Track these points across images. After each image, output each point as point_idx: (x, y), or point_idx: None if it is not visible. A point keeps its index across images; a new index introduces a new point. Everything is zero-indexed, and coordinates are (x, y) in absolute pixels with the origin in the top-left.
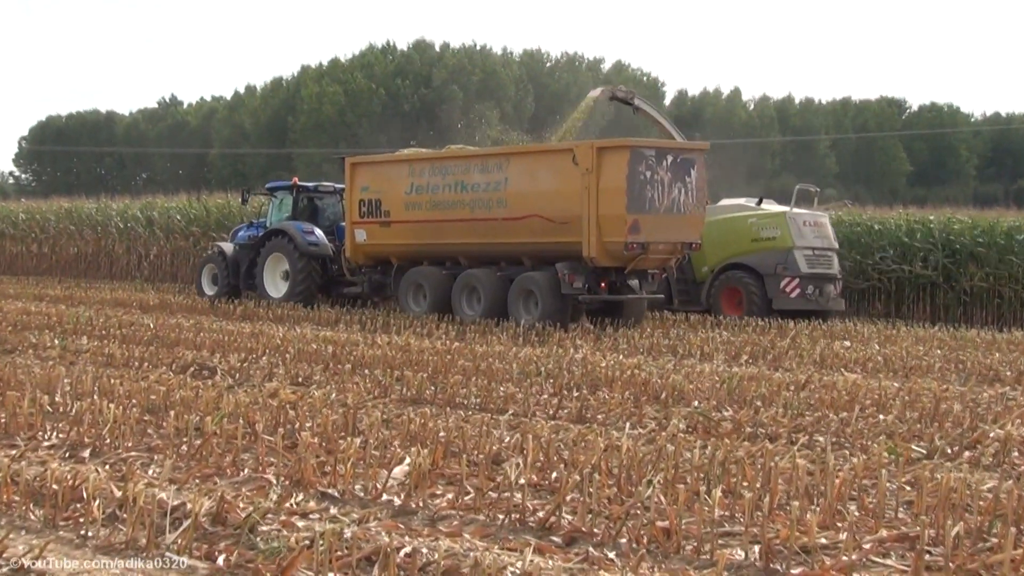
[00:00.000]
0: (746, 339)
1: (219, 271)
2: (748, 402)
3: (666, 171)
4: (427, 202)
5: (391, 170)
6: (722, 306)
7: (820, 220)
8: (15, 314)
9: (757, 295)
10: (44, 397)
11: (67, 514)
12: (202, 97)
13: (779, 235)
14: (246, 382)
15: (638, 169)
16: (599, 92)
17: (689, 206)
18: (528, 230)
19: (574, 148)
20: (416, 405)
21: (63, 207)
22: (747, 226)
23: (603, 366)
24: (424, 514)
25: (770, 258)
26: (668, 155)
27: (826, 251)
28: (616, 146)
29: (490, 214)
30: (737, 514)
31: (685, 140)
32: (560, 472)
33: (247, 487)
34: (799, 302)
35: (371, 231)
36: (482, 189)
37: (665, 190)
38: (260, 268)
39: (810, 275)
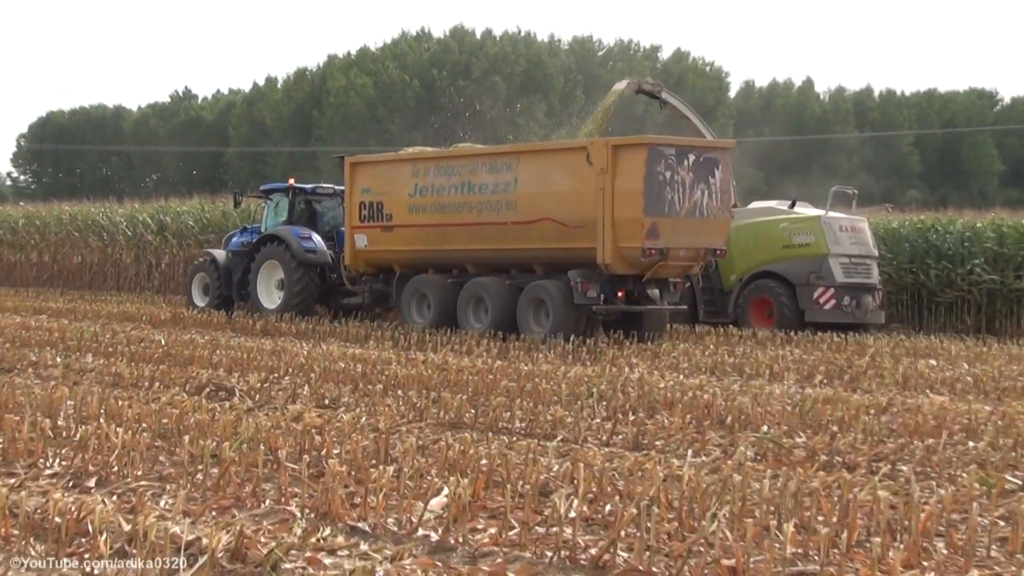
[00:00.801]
0: (820, 357)
1: (211, 280)
2: (823, 427)
3: (687, 171)
4: (432, 205)
5: (393, 170)
6: (750, 318)
7: (858, 225)
8: (13, 329)
9: (788, 306)
10: (45, 421)
11: (71, 549)
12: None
13: (813, 241)
14: (267, 404)
15: (656, 169)
16: (624, 85)
17: (713, 209)
18: (539, 235)
19: (588, 146)
20: (455, 430)
21: (66, 212)
22: (778, 231)
23: (662, 387)
24: (464, 551)
25: (803, 266)
26: (690, 154)
27: (864, 259)
28: (633, 144)
29: (498, 218)
30: (811, 551)
31: (716, 137)
32: (615, 504)
33: (269, 520)
34: (834, 314)
35: (372, 236)
36: (490, 191)
37: (686, 192)
38: (253, 277)
39: (846, 285)
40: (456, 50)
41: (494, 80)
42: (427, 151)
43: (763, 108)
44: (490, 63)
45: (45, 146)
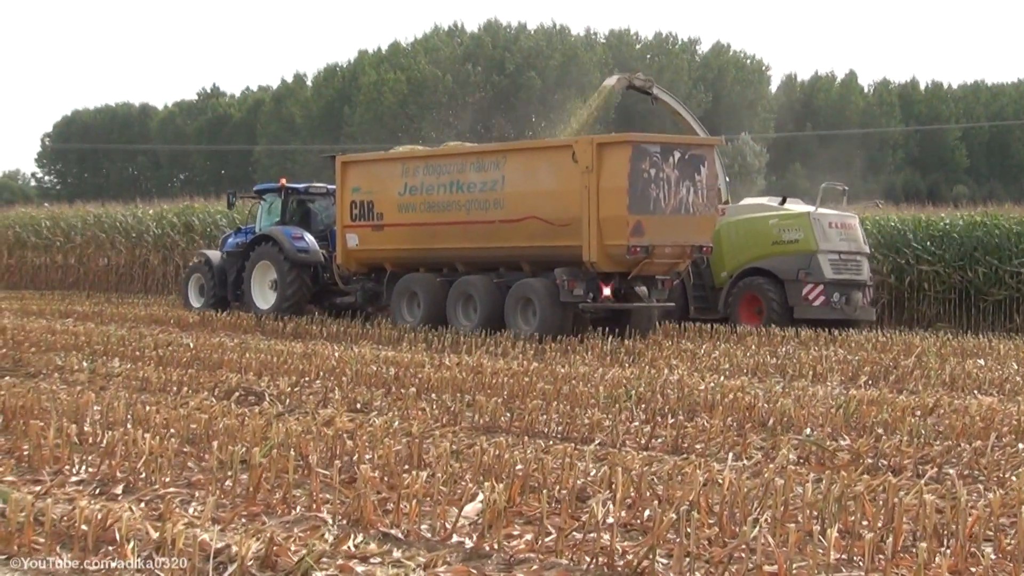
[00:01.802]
0: (865, 357)
1: (206, 281)
2: (868, 429)
3: (673, 168)
4: (421, 204)
5: (384, 169)
6: (740, 315)
7: (848, 222)
8: (39, 333)
9: (777, 303)
10: (71, 427)
11: (98, 558)
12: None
13: (802, 238)
14: (298, 409)
15: (641, 167)
16: (615, 80)
17: (699, 206)
18: (526, 233)
19: (573, 145)
20: (490, 434)
21: (91, 213)
22: (768, 228)
23: (702, 389)
24: (499, 557)
25: (792, 263)
26: (675, 151)
27: (854, 255)
28: (617, 142)
29: (486, 216)
30: (856, 557)
31: (707, 134)
32: (654, 510)
33: (299, 527)
34: (823, 311)
35: (363, 235)
36: (478, 189)
37: (671, 189)
38: (247, 277)
39: (835, 281)
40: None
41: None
42: (417, 150)
43: (805, 102)
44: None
45: (70, 146)
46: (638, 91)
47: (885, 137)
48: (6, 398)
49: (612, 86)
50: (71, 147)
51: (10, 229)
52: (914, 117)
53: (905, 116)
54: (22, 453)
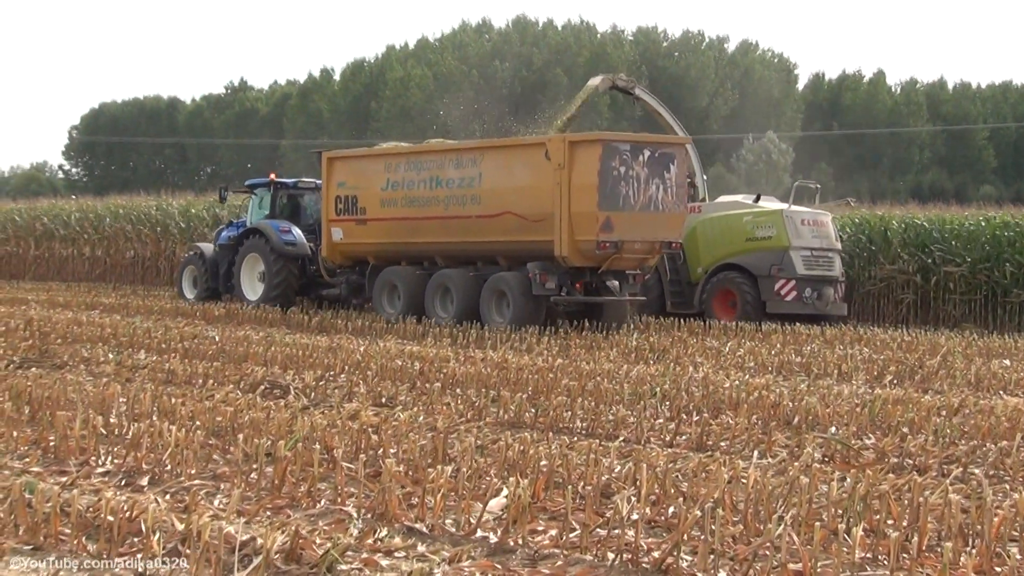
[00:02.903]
0: (890, 357)
1: (199, 273)
2: (893, 428)
3: (643, 166)
4: (402, 199)
5: (367, 165)
6: (715, 309)
7: (821, 219)
8: (65, 325)
9: (751, 297)
10: (98, 418)
11: (123, 549)
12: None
13: (775, 234)
14: (323, 402)
15: (611, 164)
16: (599, 80)
17: (668, 203)
18: (501, 228)
19: (547, 142)
20: (514, 429)
21: (119, 205)
22: (742, 225)
23: (726, 386)
24: (524, 553)
25: (765, 259)
26: (645, 150)
27: (826, 252)
28: (588, 140)
29: (464, 211)
30: (881, 556)
31: (686, 134)
32: (678, 507)
33: (324, 520)
34: (795, 306)
35: (347, 229)
36: (456, 185)
37: (641, 186)
38: (237, 269)
39: (807, 277)
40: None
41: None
42: (400, 146)
43: (832, 101)
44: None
45: (97, 138)
46: (620, 91)
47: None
48: (33, 389)
49: (596, 86)
50: (99, 140)
51: (38, 221)
52: (941, 117)
53: (932, 116)
54: (48, 444)
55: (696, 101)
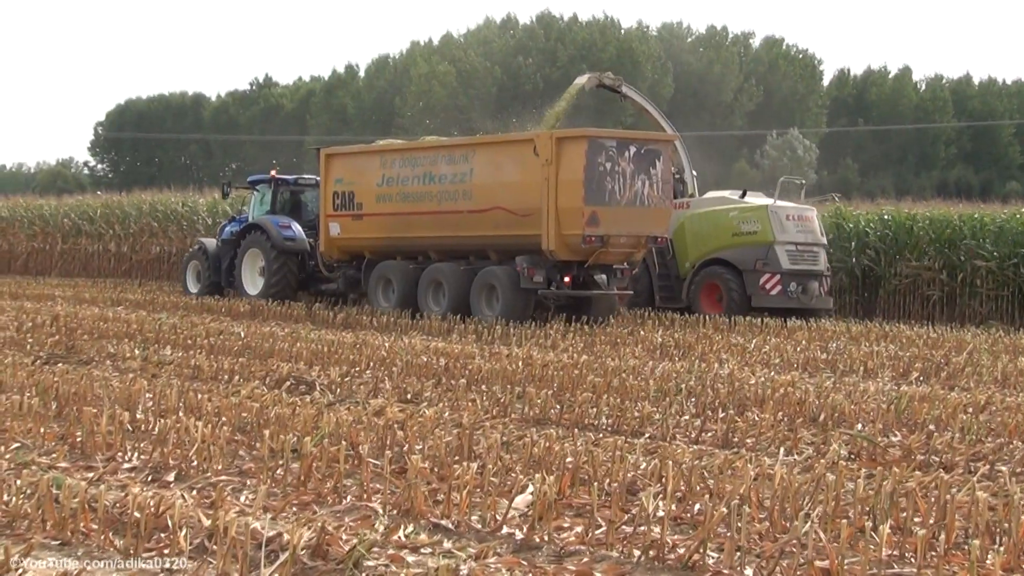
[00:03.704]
0: (916, 354)
1: (202, 268)
2: (919, 426)
3: (628, 162)
4: (397, 194)
5: (364, 162)
6: (701, 303)
7: (806, 214)
8: (91, 321)
9: (736, 291)
10: (124, 414)
11: (150, 545)
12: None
13: (760, 229)
14: (348, 398)
15: (597, 160)
16: (586, 79)
17: (654, 198)
18: (492, 223)
19: (534, 139)
20: (540, 426)
21: (145, 201)
22: (728, 220)
23: (752, 383)
24: (549, 549)
25: (750, 253)
26: (631, 146)
27: (811, 246)
28: (574, 136)
29: (456, 206)
30: (908, 554)
31: (674, 131)
32: (704, 504)
33: (350, 517)
34: (780, 299)
35: (344, 224)
36: (448, 181)
37: (627, 182)
38: (239, 264)
39: (792, 271)
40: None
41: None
42: (394, 143)
43: (857, 97)
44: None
45: (123, 134)
46: (608, 89)
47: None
48: (59, 385)
49: (583, 84)
50: (124, 136)
51: (64, 217)
52: (967, 113)
53: (958, 112)
54: (75, 439)
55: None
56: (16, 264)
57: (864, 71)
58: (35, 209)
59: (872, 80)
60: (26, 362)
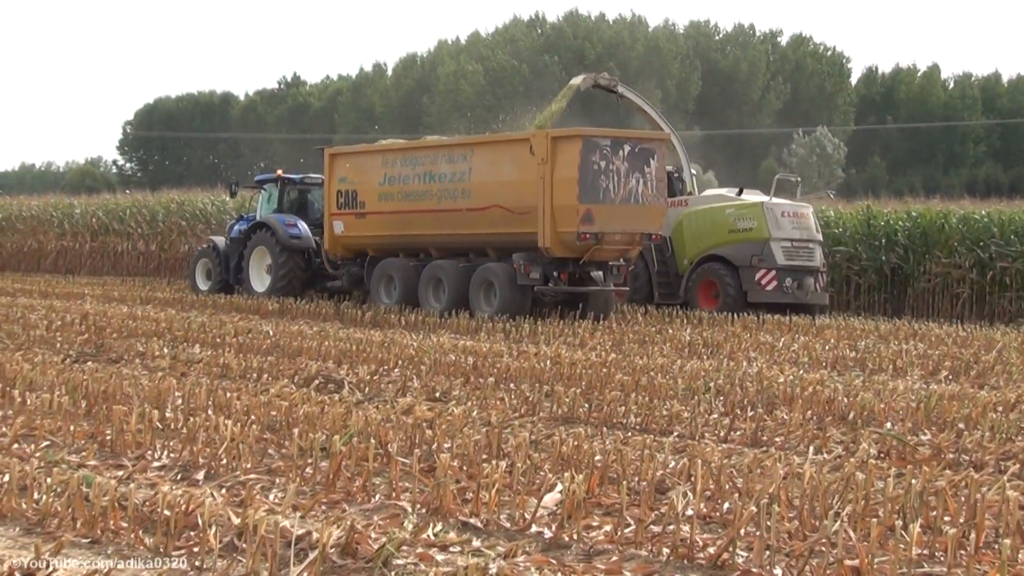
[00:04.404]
0: (945, 352)
1: (212, 266)
2: (949, 424)
3: (623, 161)
4: (399, 193)
5: (366, 161)
6: (698, 299)
7: (801, 211)
8: (121, 319)
9: (732, 288)
10: (153, 412)
11: (180, 543)
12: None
13: (755, 226)
14: (377, 397)
15: (591, 159)
16: (581, 79)
17: (648, 196)
18: (490, 221)
19: (531, 138)
20: (568, 424)
21: (173, 200)
22: (724, 217)
23: (781, 382)
24: (578, 548)
25: (746, 250)
26: (625, 145)
27: (807, 243)
28: (569, 135)
29: (455, 204)
30: (938, 553)
31: (672, 130)
32: (733, 503)
33: (379, 515)
34: (775, 295)
35: (348, 223)
36: (448, 179)
37: (621, 180)
38: (246, 262)
39: (787, 267)
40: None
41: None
42: (396, 143)
43: (885, 95)
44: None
45: (151, 133)
46: (604, 89)
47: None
48: (89, 383)
49: (578, 84)
50: (153, 135)
51: (93, 216)
52: (996, 111)
53: (987, 110)
54: (105, 438)
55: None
56: (46, 263)
57: (892, 69)
58: (64, 208)
59: (900, 78)
60: (56, 360)
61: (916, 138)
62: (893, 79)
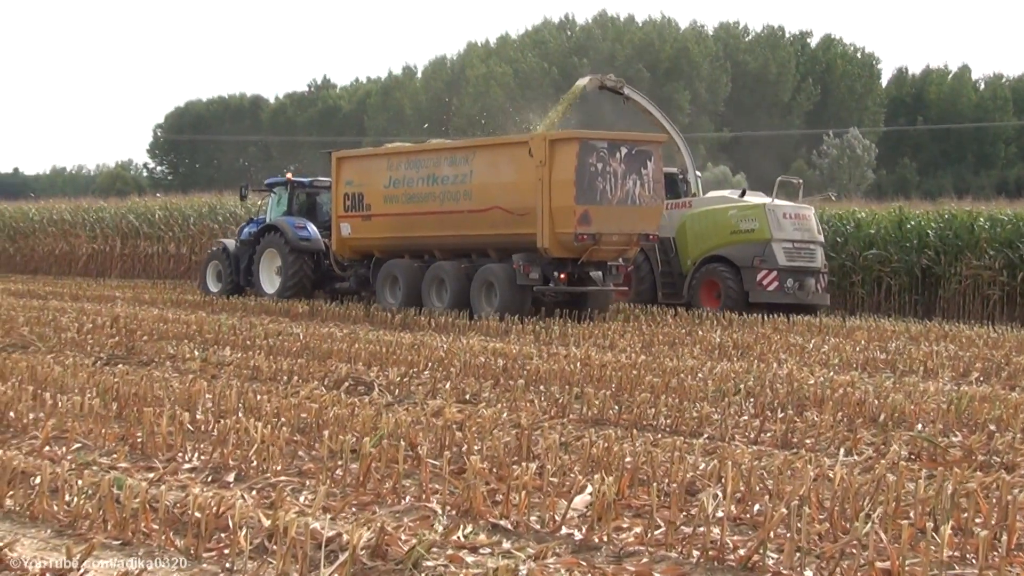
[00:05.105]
0: (976, 353)
1: (222, 268)
2: (980, 426)
3: (619, 163)
4: (403, 195)
5: (372, 164)
6: (701, 299)
7: (803, 212)
8: (151, 322)
9: (734, 288)
10: (184, 414)
11: (211, 545)
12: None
13: (757, 227)
14: (407, 399)
15: (588, 161)
16: (587, 81)
17: (645, 197)
18: (490, 222)
19: (529, 141)
20: (598, 426)
21: (204, 203)
22: (727, 218)
23: (811, 383)
24: (609, 550)
25: (748, 250)
26: (622, 147)
27: (808, 244)
28: (566, 138)
29: (457, 206)
30: (969, 555)
31: (676, 130)
32: (764, 504)
33: (409, 517)
34: (776, 295)
35: (355, 225)
36: (450, 182)
37: (618, 181)
38: (256, 264)
39: (788, 268)
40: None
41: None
42: (401, 146)
43: (916, 96)
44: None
45: (182, 136)
46: (610, 91)
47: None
48: (120, 386)
49: (584, 86)
50: (183, 138)
51: (123, 219)
52: None
53: (1018, 110)
54: (135, 440)
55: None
56: (77, 266)
57: (923, 70)
58: (95, 211)
59: (931, 79)
60: (87, 363)
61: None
62: (923, 80)
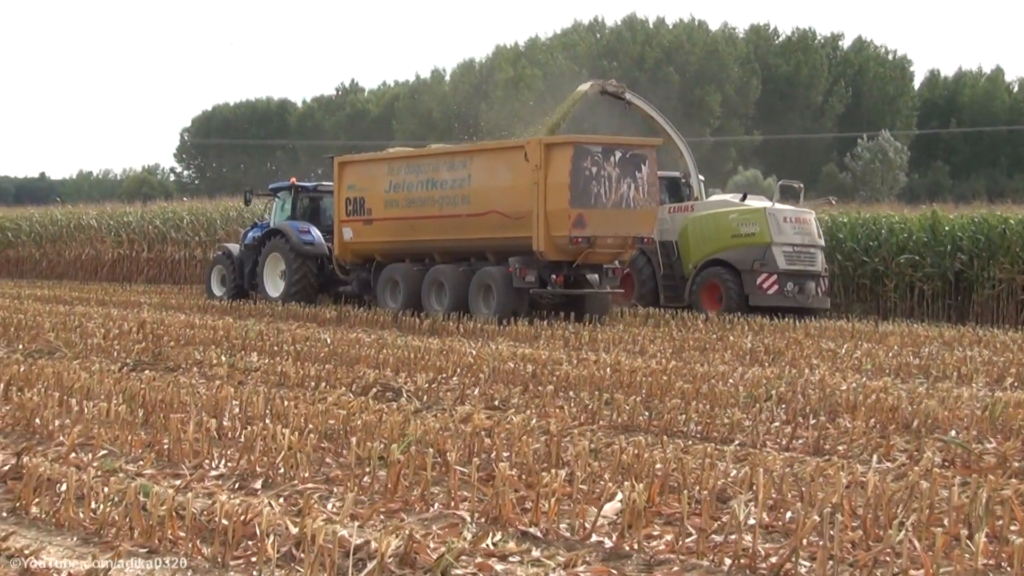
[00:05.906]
0: (1011, 359)
1: (227, 272)
2: (1015, 432)
3: (614, 166)
4: (403, 200)
5: (373, 169)
6: (702, 302)
7: (803, 216)
8: (178, 328)
9: (735, 291)
10: (211, 421)
11: (238, 553)
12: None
13: (758, 231)
14: (435, 405)
15: (583, 165)
16: (589, 86)
17: (640, 201)
18: (488, 226)
19: (525, 145)
20: (628, 433)
21: (231, 207)
22: (728, 222)
23: (843, 389)
24: (639, 558)
25: (748, 254)
26: (616, 151)
27: (808, 248)
28: (561, 142)
29: (456, 210)
30: (1004, 563)
31: (679, 135)
32: (796, 512)
33: (438, 525)
34: (776, 299)
35: (356, 229)
36: (449, 186)
37: (612, 185)
38: (261, 268)
39: (789, 272)
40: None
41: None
42: (401, 151)
43: (949, 99)
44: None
45: (209, 140)
46: (612, 96)
47: None
48: (147, 392)
49: (585, 91)
50: (210, 142)
51: (150, 224)
52: None
53: None
54: (162, 447)
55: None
56: (103, 271)
57: (955, 73)
58: (121, 216)
59: (964, 81)
60: (113, 369)
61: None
62: (956, 83)
